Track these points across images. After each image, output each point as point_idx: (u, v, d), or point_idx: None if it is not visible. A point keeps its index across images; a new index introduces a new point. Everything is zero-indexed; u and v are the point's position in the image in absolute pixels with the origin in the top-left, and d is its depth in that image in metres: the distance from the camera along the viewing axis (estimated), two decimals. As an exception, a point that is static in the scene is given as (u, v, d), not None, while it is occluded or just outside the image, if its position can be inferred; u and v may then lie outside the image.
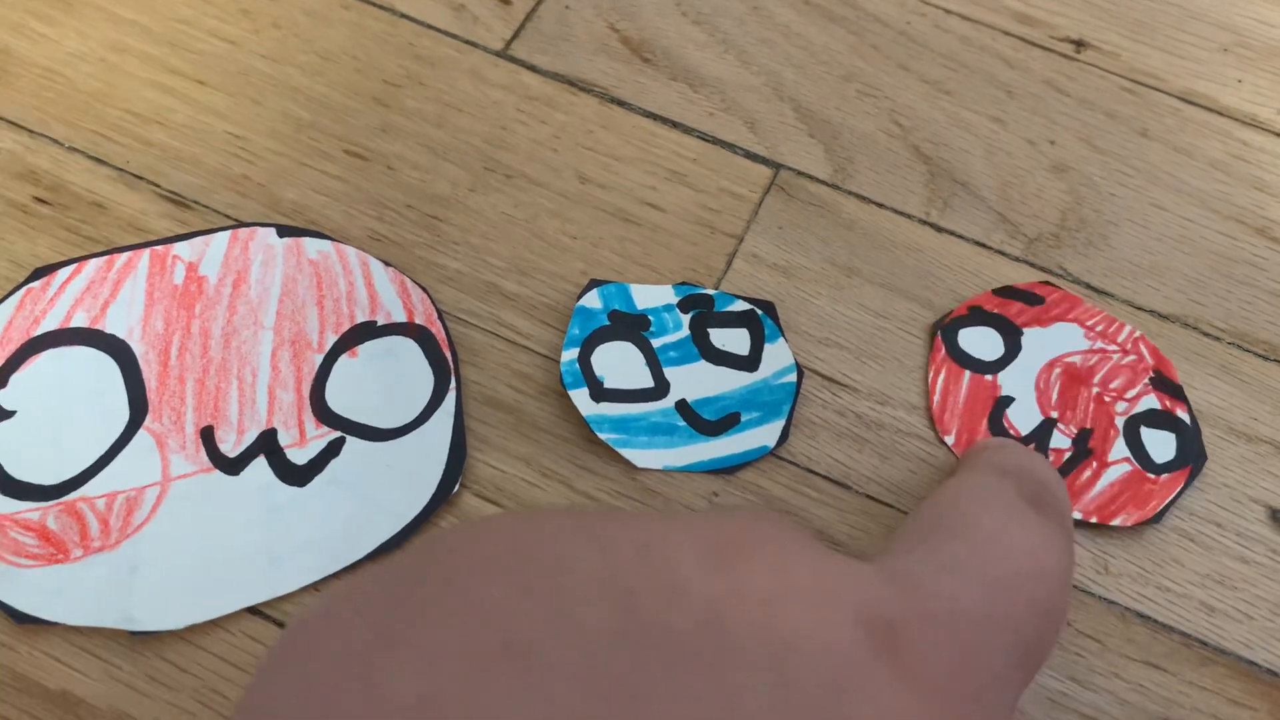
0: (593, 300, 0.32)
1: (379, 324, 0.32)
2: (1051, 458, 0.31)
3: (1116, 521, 0.30)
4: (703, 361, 0.32)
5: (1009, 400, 0.32)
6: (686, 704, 0.14)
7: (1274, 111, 0.39)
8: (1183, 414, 0.32)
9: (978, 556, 0.22)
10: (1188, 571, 0.30)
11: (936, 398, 0.32)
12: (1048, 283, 0.34)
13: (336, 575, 0.29)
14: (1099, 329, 0.33)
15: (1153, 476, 0.31)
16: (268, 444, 0.30)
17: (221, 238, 0.33)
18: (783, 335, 0.32)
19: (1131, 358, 0.33)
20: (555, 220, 0.35)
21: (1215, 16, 0.41)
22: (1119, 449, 0.32)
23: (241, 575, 0.28)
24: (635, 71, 0.38)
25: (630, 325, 0.32)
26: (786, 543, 0.18)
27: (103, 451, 0.30)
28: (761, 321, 0.32)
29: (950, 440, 0.31)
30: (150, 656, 0.27)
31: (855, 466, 0.31)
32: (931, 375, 0.32)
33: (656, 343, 0.32)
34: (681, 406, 0.31)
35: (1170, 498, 0.31)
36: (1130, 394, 0.33)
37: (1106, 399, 0.32)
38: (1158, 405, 0.32)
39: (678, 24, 0.39)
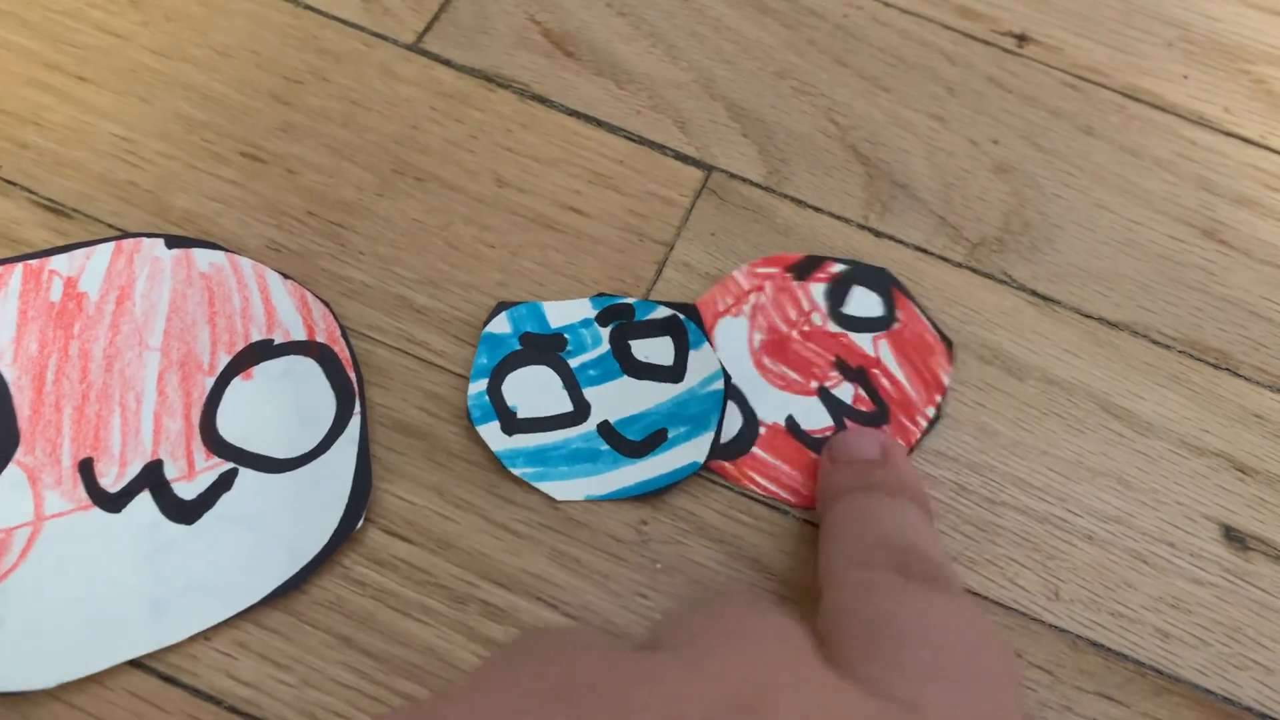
0: (501, 325, 0.30)
1: (276, 343, 0.29)
2: (863, 407, 0.30)
3: (945, 379, 0.31)
4: (625, 377, 0.30)
5: (792, 421, 0.30)
6: None
7: (1220, 109, 0.38)
8: (836, 267, 0.32)
9: (942, 660, 0.21)
10: (1141, 595, 0.29)
11: (782, 492, 0.29)
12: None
13: (229, 622, 0.26)
14: (730, 300, 0.32)
15: (897, 324, 0.32)
16: (153, 477, 0.27)
17: (104, 250, 0.30)
18: (708, 340, 0.30)
19: (767, 284, 0.32)
20: (471, 227, 0.32)
21: (1159, 10, 0.40)
22: (862, 340, 0.31)
23: (122, 625, 0.26)
24: (557, 66, 0.36)
25: (544, 347, 0.30)
26: (798, 685, 0.18)
27: (-34, 489, 0.27)
28: (684, 326, 0.30)
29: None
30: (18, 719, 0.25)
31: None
32: (752, 488, 0.29)
33: (575, 362, 0.30)
34: (604, 429, 0.29)
35: (925, 319, 0.32)
36: (805, 304, 0.32)
37: (806, 327, 0.31)
38: (823, 285, 0.32)
39: (603, 16, 0.37)
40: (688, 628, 0.20)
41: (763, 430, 0.30)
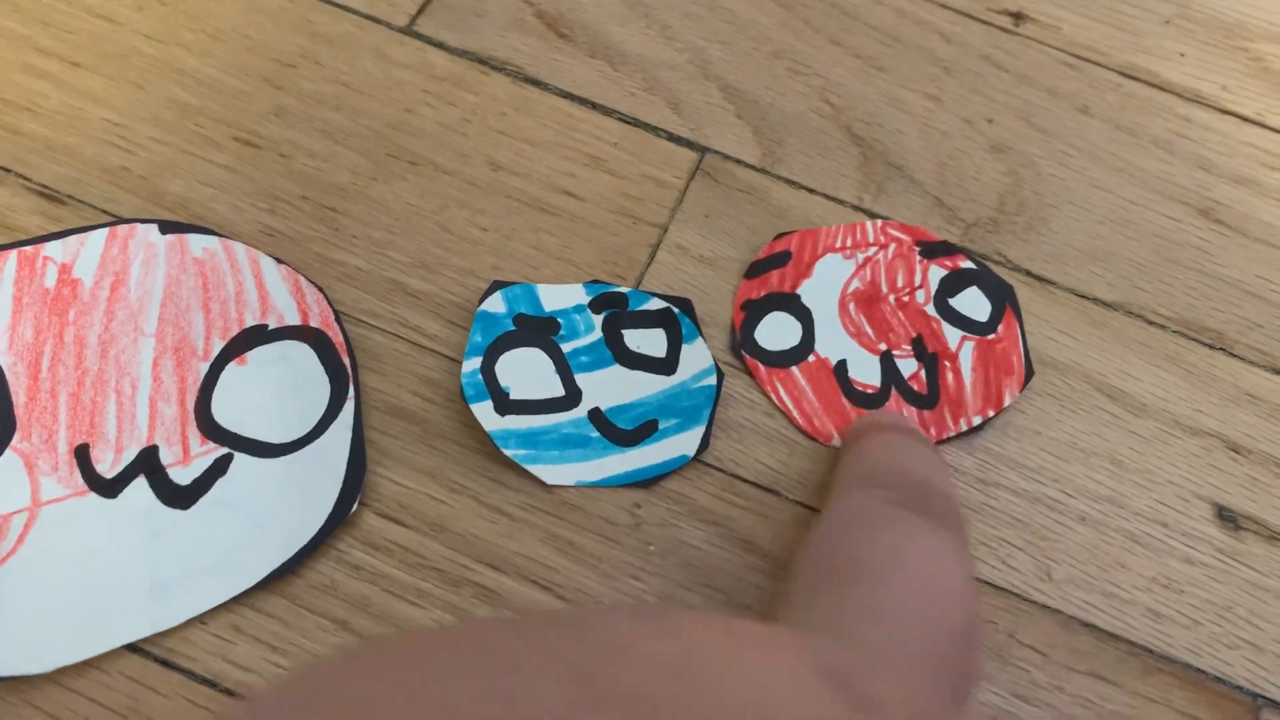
0: (496, 304, 0.30)
1: (270, 328, 0.29)
2: (916, 387, 0.30)
3: (1007, 400, 0.30)
4: (617, 366, 0.30)
5: (843, 365, 0.31)
6: None
7: (1217, 87, 0.37)
8: (965, 263, 0.32)
9: (885, 599, 0.21)
10: (1133, 575, 0.29)
11: (795, 413, 0.30)
12: (779, 235, 0.32)
13: (225, 606, 0.26)
14: (849, 242, 0.32)
15: (992, 335, 0.31)
16: (148, 463, 0.28)
17: (98, 236, 0.30)
18: (700, 335, 0.30)
19: (892, 246, 0.32)
20: (464, 211, 0.32)
21: (1157, -13, 0.39)
22: (951, 333, 0.31)
23: (119, 609, 0.26)
24: (551, 48, 0.36)
25: (538, 329, 0.30)
26: (710, 612, 0.18)
27: (-37, 476, 0.27)
28: (678, 320, 0.30)
29: (839, 441, 0.30)
30: (16, 703, 0.25)
31: (785, 472, 0.29)
32: (772, 396, 0.30)
33: (567, 347, 0.30)
34: (595, 415, 0.29)
35: (1022, 344, 0.31)
36: (918, 279, 0.32)
37: (906, 299, 0.31)
38: (944, 271, 0.32)
39: (596, -3, 0.37)
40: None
41: (812, 359, 0.30)
